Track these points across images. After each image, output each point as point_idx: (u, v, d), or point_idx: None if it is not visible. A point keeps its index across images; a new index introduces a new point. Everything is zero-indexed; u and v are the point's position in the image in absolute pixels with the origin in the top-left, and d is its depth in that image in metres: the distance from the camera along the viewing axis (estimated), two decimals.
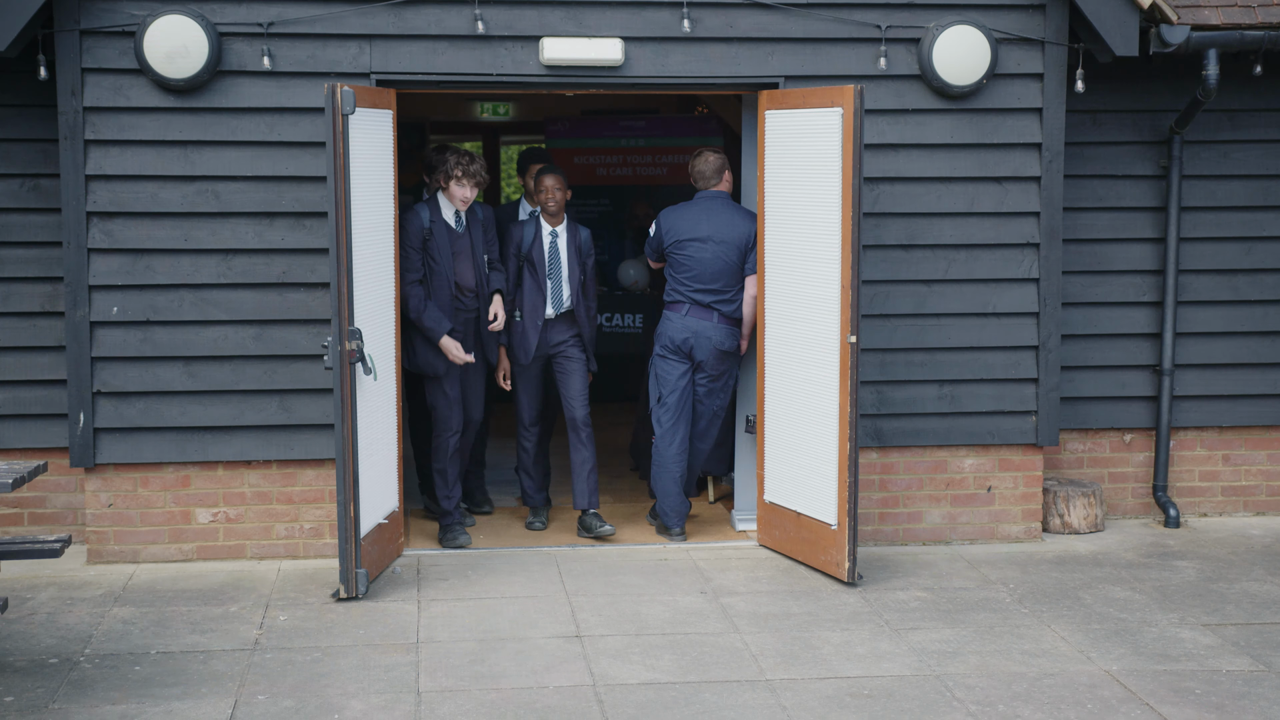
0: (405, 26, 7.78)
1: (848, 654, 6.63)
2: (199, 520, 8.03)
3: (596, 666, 6.46)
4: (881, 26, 7.99)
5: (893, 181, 8.15)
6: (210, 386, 7.92)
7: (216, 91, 7.74)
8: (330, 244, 7.06)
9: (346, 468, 7.23)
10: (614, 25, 7.88)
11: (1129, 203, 8.74)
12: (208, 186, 7.81)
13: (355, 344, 7.15)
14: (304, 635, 6.87)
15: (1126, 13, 7.83)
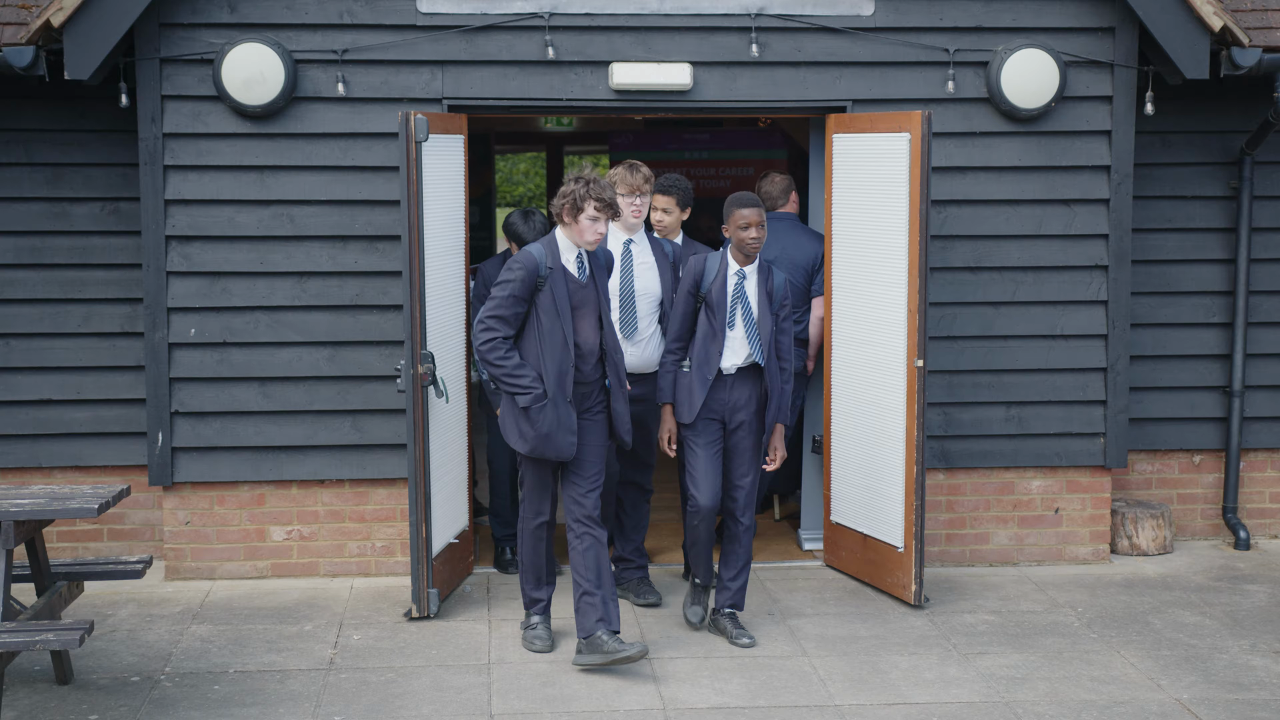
0: (477, 53, 7.88)
1: (916, 679, 6.66)
2: (273, 538, 8.17)
3: (666, 690, 6.52)
4: (949, 50, 8.01)
5: (960, 204, 8.16)
6: (284, 407, 8.05)
7: (292, 117, 7.87)
8: (403, 268, 7.17)
9: (418, 488, 7.34)
10: (683, 50, 7.94)
11: (1199, 224, 8.71)
12: (283, 210, 7.94)
13: (428, 367, 7.26)
14: (377, 655, 6.98)
15: (1197, 35, 7.81)
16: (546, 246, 6.66)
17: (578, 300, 6.68)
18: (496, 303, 6.56)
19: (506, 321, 6.58)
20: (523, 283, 6.56)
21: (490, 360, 6.57)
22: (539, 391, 6.56)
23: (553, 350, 6.60)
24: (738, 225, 6.87)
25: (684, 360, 7.03)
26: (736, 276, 6.96)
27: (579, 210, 6.59)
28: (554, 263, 6.63)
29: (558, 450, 6.63)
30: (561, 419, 6.61)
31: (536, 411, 6.56)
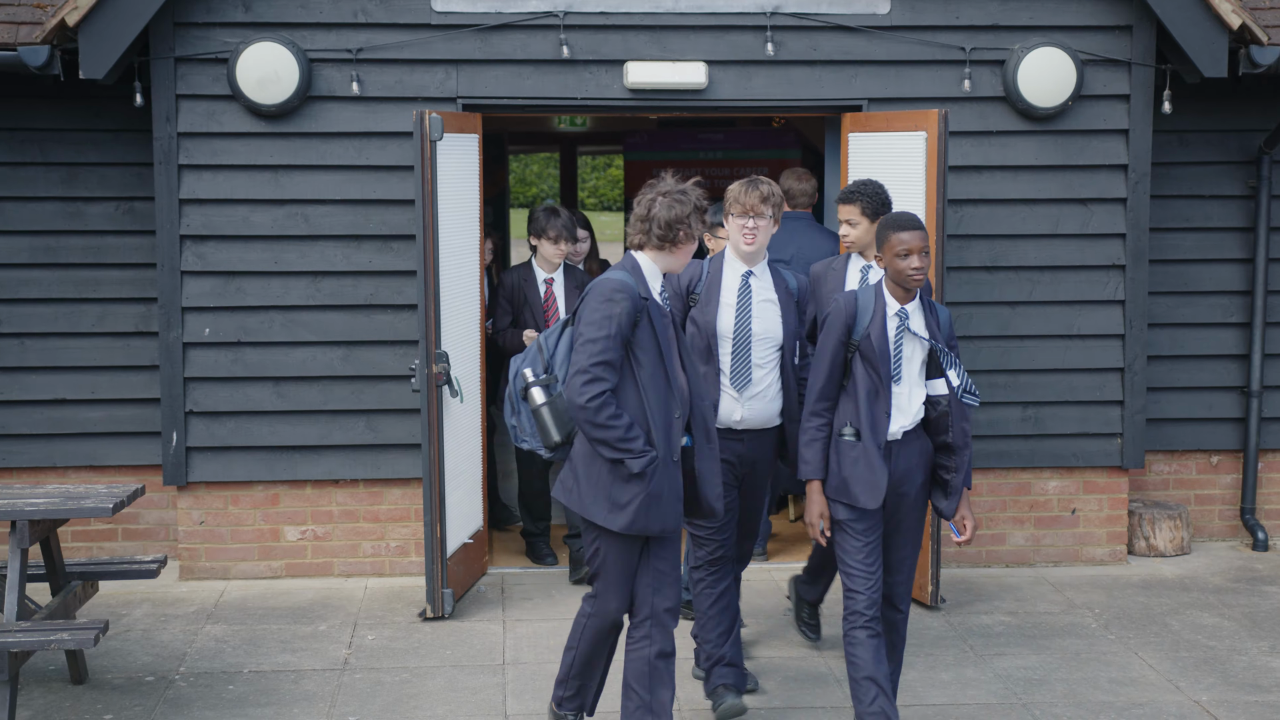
0: (491, 52, 7.86)
1: (932, 680, 6.63)
2: (287, 538, 8.16)
3: (682, 690, 6.49)
4: (966, 49, 7.98)
5: (976, 203, 8.13)
6: (299, 406, 8.04)
7: (306, 116, 7.86)
8: (418, 267, 7.15)
9: (433, 488, 7.32)
10: (698, 49, 7.92)
11: (1216, 223, 8.66)
12: (297, 210, 7.93)
13: (442, 367, 7.24)
14: (392, 655, 6.96)
15: (1215, 33, 7.77)
16: (633, 274, 5.42)
17: (667, 338, 5.46)
18: (599, 346, 5.23)
19: (614, 368, 5.27)
20: (628, 317, 5.28)
21: (598, 422, 5.21)
22: (654, 453, 5.29)
23: (657, 399, 5.35)
24: (895, 252, 5.49)
25: (842, 426, 5.61)
26: (898, 318, 5.56)
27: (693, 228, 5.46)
28: (646, 293, 5.40)
29: (663, 521, 5.35)
30: (672, 483, 5.37)
31: (650, 475, 5.29)
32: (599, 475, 5.35)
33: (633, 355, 5.35)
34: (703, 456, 5.53)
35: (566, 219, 8.08)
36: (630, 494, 5.30)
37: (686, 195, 5.42)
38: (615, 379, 5.28)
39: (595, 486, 5.36)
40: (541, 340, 5.53)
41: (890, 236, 5.50)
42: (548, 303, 8.17)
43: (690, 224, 5.43)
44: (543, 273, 8.19)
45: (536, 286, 8.15)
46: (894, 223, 5.54)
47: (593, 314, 5.30)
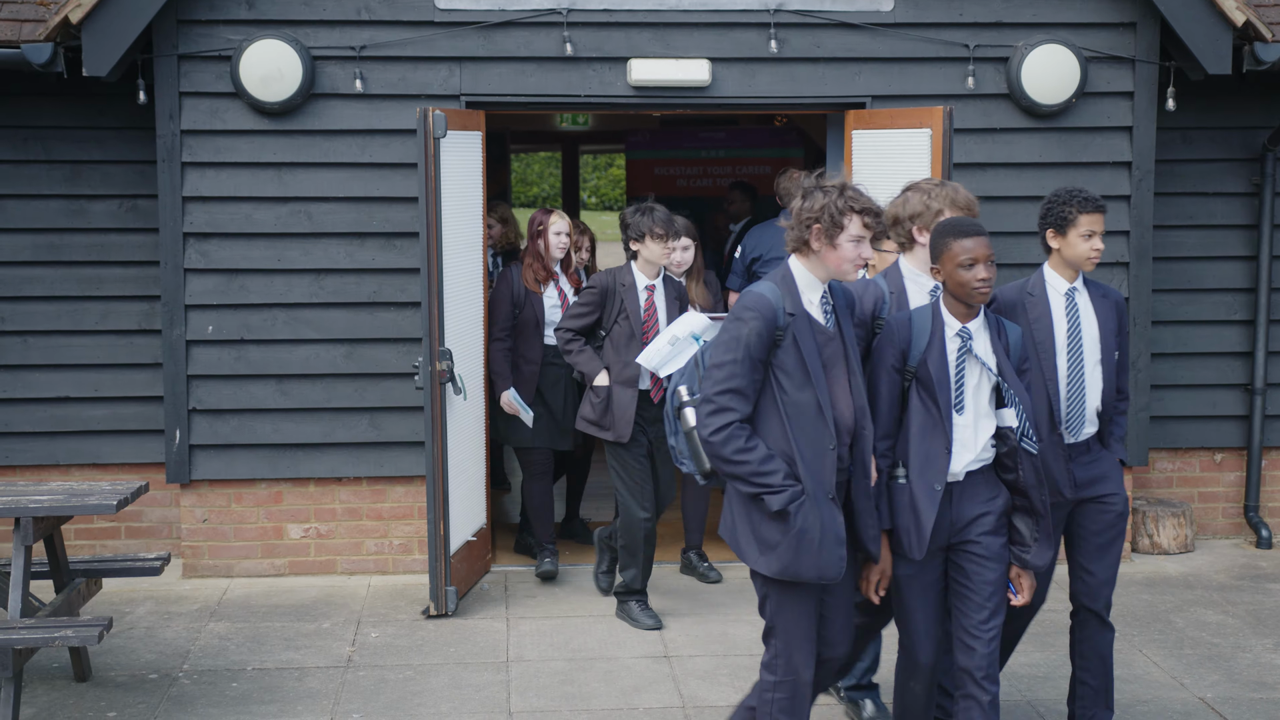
0: (494, 49, 7.86)
1: None
2: (291, 536, 8.15)
3: (685, 688, 6.49)
4: (969, 46, 7.97)
5: (981, 200, 8.08)
6: (302, 404, 8.04)
7: (309, 114, 7.85)
8: (421, 265, 7.15)
9: (437, 486, 7.32)
10: (701, 46, 7.91)
11: (1220, 220, 8.65)
12: (300, 207, 7.92)
13: (446, 364, 7.24)
14: (395, 653, 6.95)
15: (1219, 30, 7.76)
16: (782, 285, 4.80)
17: (826, 356, 4.83)
18: (726, 371, 4.72)
19: (743, 396, 4.73)
20: (759, 338, 4.71)
21: (727, 456, 4.72)
22: (797, 488, 4.71)
23: (805, 427, 4.75)
24: (957, 262, 4.85)
25: (894, 466, 5.04)
26: (960, 338, 4.96)
27: (838, 228, 4.75)
28: (794, 306, 4.77)
29: (820, 568, 4.75)
30: (826, 522, 4.75)
31: (794, 513, 4.71)
32: (749, 512, 4.84)
33: (775, 379, 4.76)
34: (859, 491, 4.89)
35: (666, 213, 7.31)
36: (778, 534, 4.74)
37: (829, 187, 4.80)
38: (746, 408, 4.73)
39: (747, 524, 4.85)
40: (699, 354, 5.06)
41: (951, 244, 4.86)
42: (648, 314, 7.33)
43: (835, 219, 4.72)
44: (644, 278, 7.36)
45: (636, 294, 7.30)
46: (954, 228, 4.90)
47: (722, 334, 4.81)
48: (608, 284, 7.31)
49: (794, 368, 4.75)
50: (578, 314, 7.39)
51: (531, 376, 7.94)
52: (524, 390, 7.92)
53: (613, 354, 7.29)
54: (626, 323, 7.27)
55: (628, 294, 7.29)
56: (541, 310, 7.94)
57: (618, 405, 7.21)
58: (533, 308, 7.92)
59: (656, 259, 7.29)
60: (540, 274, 7.96)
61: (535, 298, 7.94)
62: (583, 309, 7.37)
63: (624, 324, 7.27)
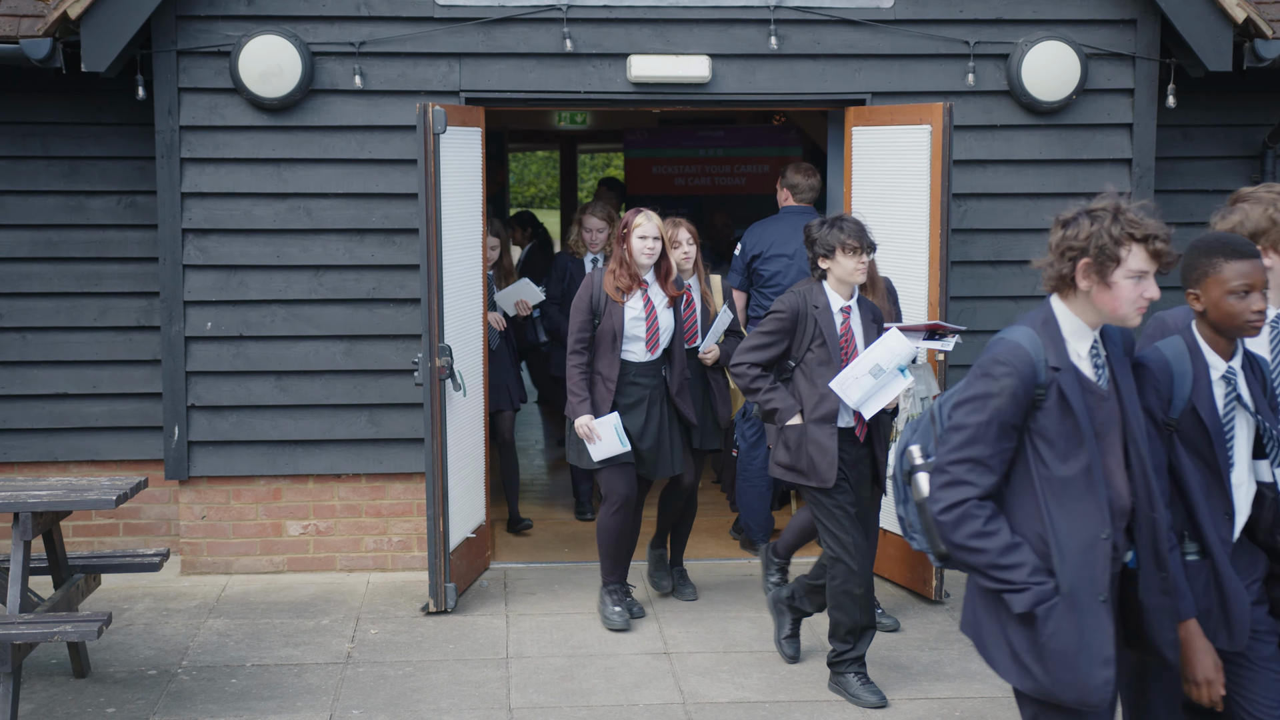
0: (494, 45, 7.85)
1: (937, 674, 6.61)
2: (289, 533, 8.14)
3: (685, 684, 6.48)
4: (970, 43, 7.96)
5: (980, 198, 8.11)
6: (301, 401, 8.02)
7: (309, 110, 7.84)
8: (421, 261, 7.14)
9: (436, 482, 7.30)
10: (701, 43, 7.90)
11: None
12: (300, 204, 7.91)
13: (445, 360, 7.23)
14: (395, 649, 6.94)
15: (1220, 27, 7.75)
16: (1043, 332, 3.90)
17: (1099, 420, 3.94)
18: (966, 435, 3.88)
19: (985, 468, 3.88)
20: (1013, 399, 3.85)
21: (960, 540, 3.88)
22: (1047, 587, 3.84)
23: (1068, 509, 3.86)
24: (1227, 289, 4.09)
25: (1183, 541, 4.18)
26: (1225, 380, 4.16)
27: (1113, 262, 3.88)
28: (1058, 359, 3.88)
29: (1080, 691, 3.86)
30: (1087, 633, 3.85)
31: (1043, 618, 3.84)
32: (996, 607, 3.96)
33: (1032, 447, 3.89)
34: (1149, 587, 3.98)
35: (858, 223, 6.35)
36: (1026, 641, 3.89)
37: (1103, 212, 3.96)
38: (988, 482, 3.88)
39: (995, 622, 3.99)
40: (936, 407, 4.16)
41: (1223, 266, 4.10)
42: (845, 340, 6.38)
43: (1108, 250, 3.87)
44: (839, 299, 6.38)
45: (831, 318, 6.36)
46: (1224, 247, 4.14)
47: (965, 390, 3.94)
48: (798, 307, 6.37)
49: (1057, 435, 3.86)
50: (763, 344, 6.42)
51: (607, 396, 7.10)
52: (598, 414, 7.10)
53: (805, 387, 6.34)
54: (822, 350, 6.32)
55: (821, 317, 6.34)
56: (621, 322, 7.08)
57: (816, 446, 6.26)
58: (611, 319, 7.09)
59: (850, 276, 6.33)
60: (624, 281, 7.10)
61: (616, 308, 7.08)
62: (769, 338, 6.41)
63: (818, 352, 6.33)
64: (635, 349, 7.13)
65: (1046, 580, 3.85)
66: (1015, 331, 3.93)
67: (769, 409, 6.38)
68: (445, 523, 7.37)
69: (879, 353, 6.12)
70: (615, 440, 7.02)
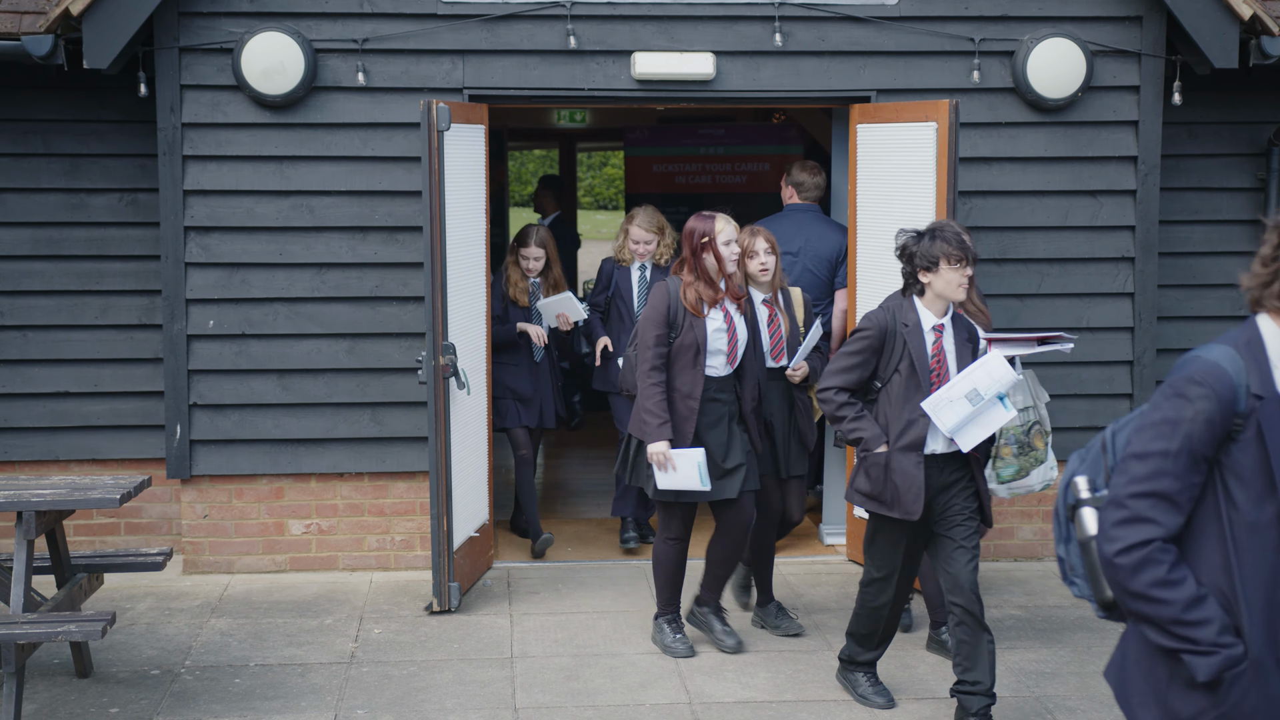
0: (498, 42, 7.81)
1: (943, 674, 6.58)
2: (292, 532, 8.10)
3: (692, 684, 6.45)
4: (975, 39, 7.94)
5: (985, 195, 8.08)
6: (303, 399, 7.99)
7: (311, 107, 7.81)
8: (425, 259, 7.10)
9: (440, 481, 7.27)
10: (705, 39, 7.87)
11: (1225, 215, 8.62)
12: (302, 201, 7.88)
13: (449, 358, 7.19)
14: (399, 649, 6.91)
15: (1226, 24, 7.73)
16: (1245, 353, 3.38)
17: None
18: (1151, 466, 3.35)
19: (1173, 505, 3.35)
20: (1208, 426, 3.32)
21: (1139, 589, 3.32)
22: (1236, 651, 3.30)
23: (1261, 559, 3.34)
24: None
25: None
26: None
27: None
28: (1262, 386, 3.34)
29: None
30: (1275, 708, 3.34)
31: (1228, 686, 3.32)
32: (1155, 665, 3.46)
33: (1222, 485, 3.36)
34: None
35: (957, 231, 5.84)
36: (1195, 708, 3.37)
37: None
38: (1174, 521, 3.34)
39: (1147, 680, 3.49)
40: (1108, 435, 3.65)
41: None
42: (936, 360, 5.82)
43: None
44: (931, 316, 5.83)
45: (922, 337, 5.80)
46: None
47: (1150, 413, 3.42)
48: (885, 324, 5.85)
49: (1253, 473, 3.32)
50: (850, 365, 5.89)
51: (689, 416, 6.48)
52: (677, 435, 6.51)
53: (890, 411, 5.85)
54: (910, 372, 5.80)
55: (911, 336, 5.80)
56: (704, 335, 6.50)
57: (901, 475, 5.77)
58: (694, 331, 6.49)
59: (953, 292, 5.77)
60: (709, 294, 6.52)
61: (697, 322, 6.50)
62: (855, 358, 5.88)
63: (905, 374, 5.81)
64: (717, 363, 6.57)
65: (1235, 643, 3.30)
66: (1213, 350, 3.39)
67: (854, 437, 5.89)
68: (449, 521, 7.33)
69: (978, 376, 5.65)
70: (694, 477, 6.39)
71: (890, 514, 5.84)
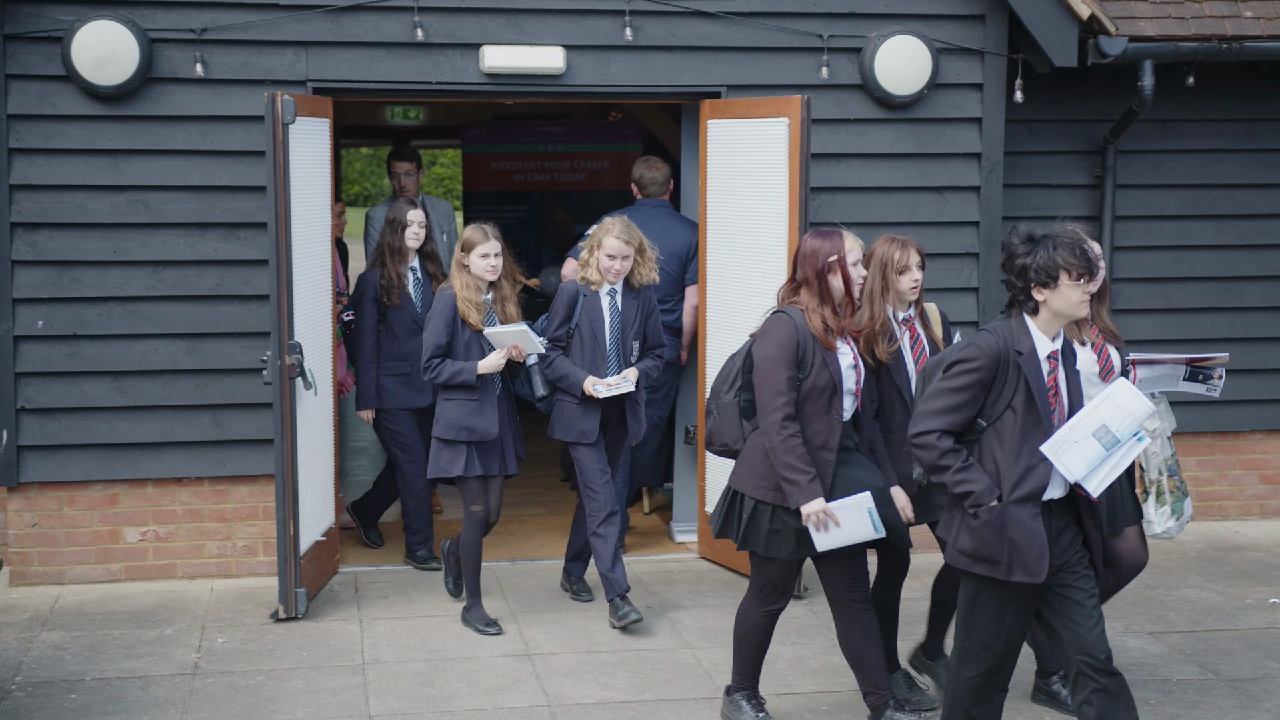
0: (342, 34, 7.62)
1: (802, 669, 6.59)
2: (128, 539, 7.81)
3: (549, 686, 6.35)
4: (824, 36, 7.97)
5: (834, 191, 8.12)
6: (140, 402, 7.70)
7: (147, 99, 7.53)
8: (270, 256, 6.89)
9: (286, 484, 7.06)
10: (555, 33, 7.78)
11: (1064, 212, 8.77)
12: (138, 196, 7.59)
13: (296, 358, 6.99)
14: (245, 658, 6.69)
15: (1066, 24, 7.88)
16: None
17: None
18: None
19: None
20: None
21: None
22: None
23: None
24: None
25: None
26: None
27: None
28: None
29: None
30: None
31: None
32: None
33: None
34: None
35: (1077, 237, 4.96)
36: None
37: None
38: None
39: None
40: None
41: None
42: (1052, 394, 4.95)
43: None
44: (1047, 342, 4.92)
45: (1038, 365, 4.88)
46: None
47: None
48: (998, 353, 4.88)
49: None
50: (955, 404, 4.90)
51: (826, 470, 5.55)
52: None
53: (1002, 456, 4.89)
54: (1026, 409, 4.88)
55: (1027, 366, 4.86)
56: (839, 373, 5.56)
57: (1020, 530, 4.83)
58: (826, 371, 5.53)
59: (1074, 310, 4.88)
60: (836, 323, 5.62)
61: (830, 358, 5.53)
62: (961, 395, 4.89)
63: (1021, 411, 4.88)
64: (847, 404, 5.64)
65: None
66: None
67: (962, 491, 4.87)
68: (296, 526, 7.13)
69: (1107, 411, 4.81)
70: (866, 525, 5.50)
71: (1008, 578, 4.86)
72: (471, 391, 6.96)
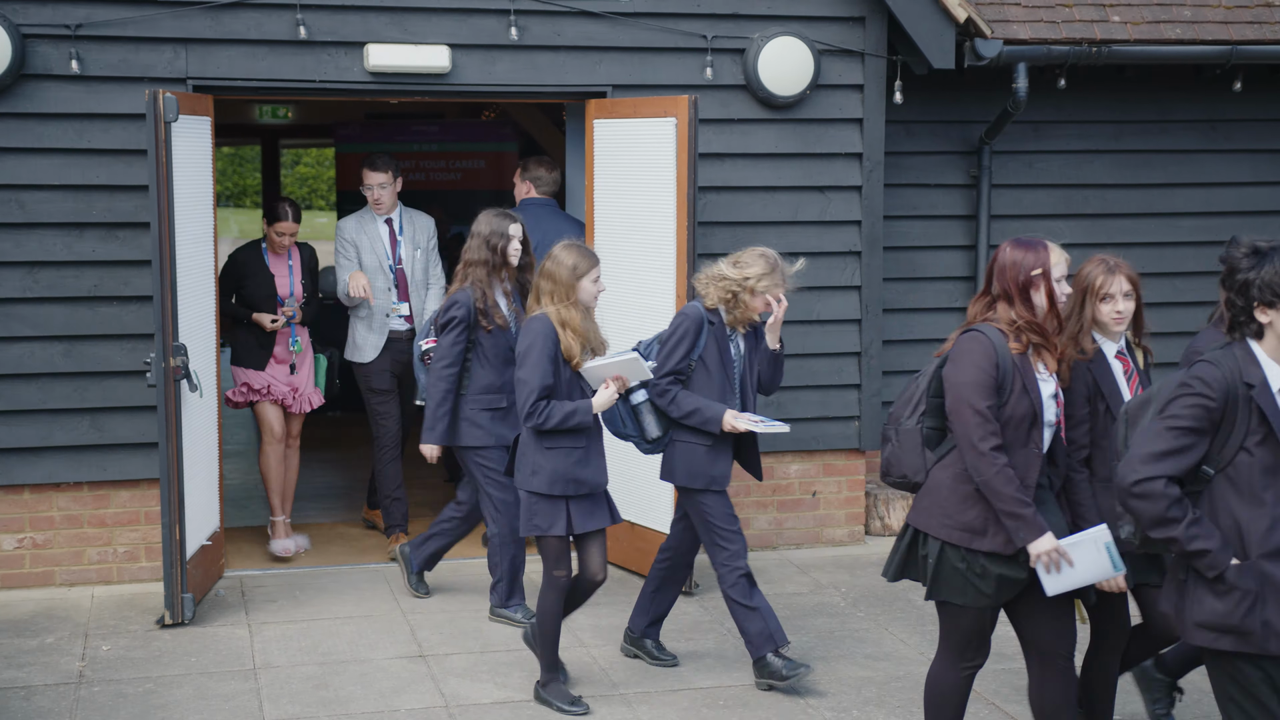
0: (223, 31, 7.51)
1: (697, 665, 6.64)
2: (3, 547, 7.62)
3: (446, 687, 6.33)
4: (707, 37, 8.03)
5: (719, 190, 8.19)
6: (14, 406, 7.51)
7: (20, 96, 7.34)
8: (153, 256, 6.76)
9: (171, 488, 6.94)
10: (440, 32, 7.74)
11: (942, 211, 8.96)
12: (11, 196, 7.41)
13: (181, 360, 6.88)
14: (131, 665, 6.57)
15: (943, 26, 8.03)
16: None
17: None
18: None
19: None
20: None
21: None
22: None
23: None
24: None
25: None
26: None
27: None
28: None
29: None
30: None
31: None
32: None
33: None
34: None
35: None
36: None
37: None
38: None
39: None
40: None
41: None
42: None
43: None
44: (1277, 370, 4.29)
45: (1272, 397, 4.24)
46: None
47: None
48: (1229, 386, 4.25)
49: None
50: (1181, 445, 4.27)
51: None
52: None
53: (1243, 508, 4.27)
54: (1265, 448, 4.24)
55: (1261, 399, 4.24)
56: (1039, 402, 4.93)
57: (1276, 591, 4.21)
58: (1027, 399, 4.90)
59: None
60: (1041, 342, 4.98)
61: (1031, 385, 4.91)
62: (1188, 437, 4.27)
63: (1259, 453, 4.25)
64: (1047, 436, 5.04)
65: None
66: None
67: (1196, 549, 4.22)
68: (181, 530, 7.01)
69: None
70: (1105, 562, 4.89)
71: (1265, 653, 4.21)
72: (578, 437, 6.03)
